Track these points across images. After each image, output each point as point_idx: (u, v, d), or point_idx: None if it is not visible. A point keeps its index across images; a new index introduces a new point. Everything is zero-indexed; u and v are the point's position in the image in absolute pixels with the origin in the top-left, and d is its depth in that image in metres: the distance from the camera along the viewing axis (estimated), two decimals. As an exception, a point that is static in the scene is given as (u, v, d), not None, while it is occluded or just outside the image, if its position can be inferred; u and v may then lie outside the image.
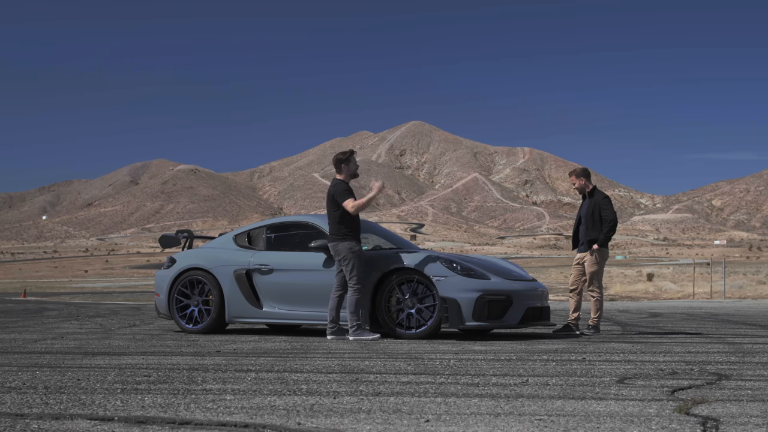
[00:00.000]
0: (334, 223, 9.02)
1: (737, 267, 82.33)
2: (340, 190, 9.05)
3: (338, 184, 9.14)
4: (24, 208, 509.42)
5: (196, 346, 7.89)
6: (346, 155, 9.27)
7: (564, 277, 63.57)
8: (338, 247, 8.94)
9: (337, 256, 8.95)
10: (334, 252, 8.98)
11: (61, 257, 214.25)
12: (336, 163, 9.27)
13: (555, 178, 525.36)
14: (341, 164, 9.23)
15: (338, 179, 9.22)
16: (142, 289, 48.71)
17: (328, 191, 9.17)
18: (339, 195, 9.03)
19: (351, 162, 9.24)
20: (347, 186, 9.13)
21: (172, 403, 4.14)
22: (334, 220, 9.03)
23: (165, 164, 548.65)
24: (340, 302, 9.01)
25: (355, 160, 9.31)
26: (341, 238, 8.94)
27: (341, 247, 8.92)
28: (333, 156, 9.33)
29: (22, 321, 13.02)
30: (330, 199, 9.09)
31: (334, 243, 8.98)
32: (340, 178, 9.22)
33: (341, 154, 9.27)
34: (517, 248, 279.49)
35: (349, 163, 9.23)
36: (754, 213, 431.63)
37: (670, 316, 15.06)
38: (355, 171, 9.26)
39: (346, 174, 9.22)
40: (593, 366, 5.92)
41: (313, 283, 9.40)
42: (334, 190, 9.09)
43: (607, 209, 9.66)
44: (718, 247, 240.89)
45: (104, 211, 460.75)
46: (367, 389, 4.66)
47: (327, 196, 9.18)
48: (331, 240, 9.03)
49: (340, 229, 8.96)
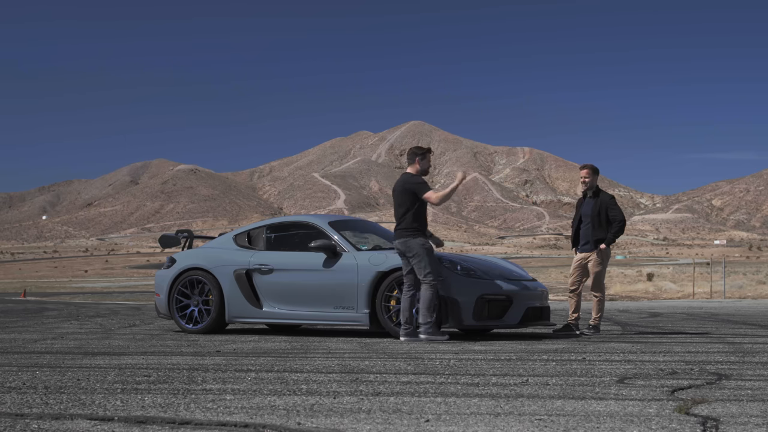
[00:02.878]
0: (406, 218, 8.69)
1: (737, 267, 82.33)
2: (418, 182, 8.74)
3: (413, 176, 8.82)
4: (24, 208, 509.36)
5: (196, 346, 7.89)
6: (423, 151, 8.92)
7: (564, 277, 63.54)
8: (410, 243, 8.60)
9: (409, 253, 8.62)
10: (405, 248, 8.63)
11: (61, 257, 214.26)
12: (410, 156, 8.90)
13: (555, 178, 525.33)
14: (416, 158, 8.86)
15: (411, 173, 8.90)
16: (142, 289, 48.71)
17: (398, 185, 8.81)
18: (418, 188, 8.71)
19: (426, 159, 8.91)
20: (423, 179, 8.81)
21: (172, 403, 4.14)
22: (406, 215, 8.69)
23: (165, 164, 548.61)
24: (413, 302, 8.63)
25: (430, 158, 8.98)
26: (412, 234, 8.64)
27: (413, 243, 8.59)
28: (408, 149, 9.02)
29: (22, 321, 13.02)
30: (405, 192, 8.73)
31: (404, 239, 8.64)
32: (412, 172, 8.91)
33: (418, 148, 8.92)
34: (517, 248, 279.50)
35: (424, 160, 8.89)
36: (754, 213, 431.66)
37: (670, 316, 15.05)
38: (427, 169, 8.92)
39: (419, 170, 8.89)
40: (593, 366, 5.91)
41: (313, 283, 9.39)
42: (411, 183, 8.75)
43: (615, 210, 9.68)
44: (718, 246, 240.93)
45: (104, 211, 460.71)
46: (367, 389, 4.66)
47: (398, 189, 8.82)
48: (400, 236, 8.69)
49: (412, 225, 8.66)
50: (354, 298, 9.14)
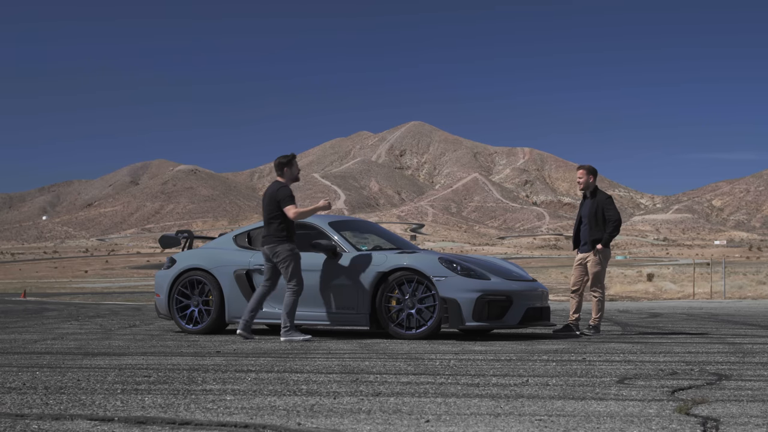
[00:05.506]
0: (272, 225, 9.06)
1: (737, 267, 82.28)
2: (283, 195, 9.05)
3: (282, 188, 9.13)
4: (24, 208, 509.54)
5: (196, 347, 7.89)
6: (288, 159, 9.26)
7: (564, 277, 63.53)
8: (277, 249, 9.00)
9: (275, 258, 9.01)
10: (272, 254, 9.02)
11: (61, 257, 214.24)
12: (278, 167, 9.25)
13: (555, 178, 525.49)
14: (284, 167, 9.22)
15: (280, 182, 9.22)
16: (142, 290, 48.70)
17: (267, 193, 9.17)
18: (282, 199, 9.02)
19: (293, 166, 9.28)
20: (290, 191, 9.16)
21: (172, 404, 4.14)
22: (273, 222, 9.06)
23: (165, 164, 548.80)
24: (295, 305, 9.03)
25: (296, 164, 9.34)
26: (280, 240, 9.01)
27: (281, 249, 8.98)
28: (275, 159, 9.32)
29: (22, 321, 13.02)
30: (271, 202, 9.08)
31: (272, 245, 9.03)
32: (282, 181, 9.22)
33: (283, 157, 9.26)
34: (517, 248, 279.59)
35: (292, 167, 9.26)
36: (754, 213, 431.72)
37: (670, 316, 15.05)
38: (296, 175, 9.30)
39: (288, 177, 9.25)
40: (593, 366, 5.92)
41: (313, 284, 9.39)
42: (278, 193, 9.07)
43: (610, 209, 9.68)
44: (718, 247, 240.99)
45: (104, 211, 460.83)
46: (367, 389, 4.67)
47: (266, 198, 9.16)
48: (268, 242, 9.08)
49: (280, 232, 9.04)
50: (354, 298, 9.14)
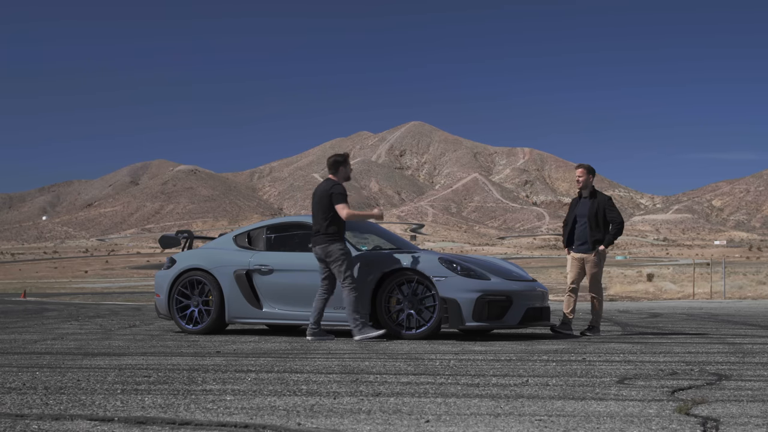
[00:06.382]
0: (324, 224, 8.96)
1: (737, 267, 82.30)
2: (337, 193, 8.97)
3: (336, 185, 9.06)
4: (24, 208, 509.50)
5: (196, 347, 7.89)
6: (344, 157, 9.23)
7: (564, 277, 63.52)
8: (329, 248, 8.89)
9: (328, 258, 8.91)
10: (324, 254, 8.90)
11: (61, 258, 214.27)
12: (333, 165, 9.18)
13: (555, 178, 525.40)
14: (339, 166, 9.17)
15: (333, 180, 9.13)
16: (142, 290, 48.70)
17: (319, 190, 9.07)
18: (336, 197, 8.94)
19: (348, 165, 9.22)
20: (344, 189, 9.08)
21: (172, 404, 4.14)
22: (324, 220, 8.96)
23: (165, 165, 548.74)
24: (325, 304, 8.96)
25: (350, 163, 9.27)
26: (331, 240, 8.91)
27: (333, 248, 8.88)
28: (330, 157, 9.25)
29: (22, 321, 13.02)
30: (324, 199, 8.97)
31: (324, 245, 8.92)
32: (335, 179, 9.15)
33: (339, 156, 9.21)
34: (517, 248, 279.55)
35: (347, 166, 9.21)
36: (754, 213, 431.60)
37: (670, 316, 15.05)
38: (349, 174, 9.24)
39: (342, 176, 9.19)
40: (593, 366, 5.92)
41: (314, 284, 9.38)
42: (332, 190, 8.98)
43: (613, 211, 9.69)
44: (718, 247, 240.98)
45: (104, 211, 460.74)
46: (367, 390, 4.66)
47: (317, 195, 9.06)
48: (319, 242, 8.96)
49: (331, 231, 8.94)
50: (354, 298, 9.13)
